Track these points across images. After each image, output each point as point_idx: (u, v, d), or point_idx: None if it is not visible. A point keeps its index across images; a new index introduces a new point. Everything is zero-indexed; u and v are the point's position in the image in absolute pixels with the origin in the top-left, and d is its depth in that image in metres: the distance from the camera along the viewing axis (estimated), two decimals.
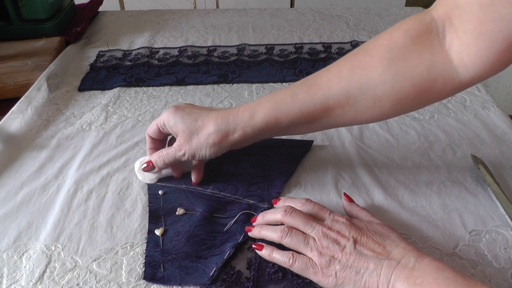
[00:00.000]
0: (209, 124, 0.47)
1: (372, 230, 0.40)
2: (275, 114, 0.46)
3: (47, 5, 0.88)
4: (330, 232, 0.40)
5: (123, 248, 0.44)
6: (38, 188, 0.52)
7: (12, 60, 0.80)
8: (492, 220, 0.47)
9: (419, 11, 1.04)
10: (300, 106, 0.45)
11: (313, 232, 0.41)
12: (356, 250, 0.38)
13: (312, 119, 0.46)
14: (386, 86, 0.42)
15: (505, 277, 0.41)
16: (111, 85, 0.74)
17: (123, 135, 0.61)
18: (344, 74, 0.44)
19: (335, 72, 0.44)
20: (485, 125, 0.63)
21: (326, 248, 0.39)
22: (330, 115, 0.45)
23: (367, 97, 0.43)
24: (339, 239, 0.39)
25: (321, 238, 0.40)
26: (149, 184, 0.52)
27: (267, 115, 0.46)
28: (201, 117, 0.48)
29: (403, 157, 0.57)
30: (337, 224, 0.41)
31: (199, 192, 0.51)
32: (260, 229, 0.44)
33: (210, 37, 0.91)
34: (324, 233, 0.40)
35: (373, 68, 0.42)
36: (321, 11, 1.05)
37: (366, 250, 0.38)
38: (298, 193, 0.51)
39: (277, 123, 0.46)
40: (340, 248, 0.38)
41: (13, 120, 0.64)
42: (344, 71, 0.44)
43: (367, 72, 0.42)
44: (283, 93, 0.47)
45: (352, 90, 0.43)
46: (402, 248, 0.38)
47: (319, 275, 0.38)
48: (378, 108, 0.43)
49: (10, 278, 0.41)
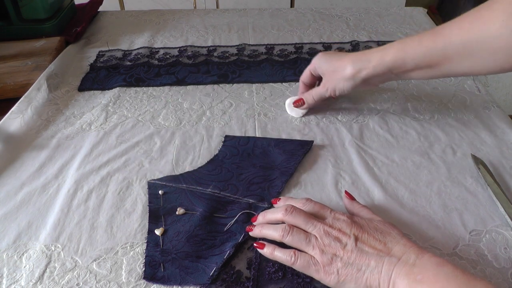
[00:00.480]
0: (347, 62, 0.57)
1: (373, 227, 0.40)
2: (403, 55, 0.52)
3: (47, 5, 0.88)
4: (332, 230, 0.40)
5: (123, 248, 0.44)
6: (38, 188, 0.52)
7: (12, 60, 0.80)
8: (492, 220, 0.47)
9: (419, 11, 1.04)
10: (424, 51, 0.50)
11: (315, 230, 0.41)
12: (358, 247, 0.38)
13: (433, 64, 0.51)
14: (502, 39, 0.44)
15: (505, 277, 0.41)
16: (111, 85, 0.74)
17: (123, 135, 0.61)
18: (465, 26, 0.47)
19: (458, 24, 0.48)
20: (485, 125, 0.63)
21: (328, 246, 0.39)
22: (449, 63, 0.49)
23: (484, 49, 0.46)
24: (341, 236, 0.39)
25: (323, 236, 0.40)
26: (149, 183, 0.52)
27: (395, 55, 0.53)
28: (341, 57, 0.58)
29: (403, 157, 0.57)
30: (338, 222, 0.41)
31: (199, 192, 0.51)
32: (261, 228, 0.44)
33: (210, 37, 0.91)
34: (325, 231, 0.40)
35: (492, 22, 0.44)
36: (321, 11, 1.05)
37: (367, 247, 0.38)
38: (298, 193, 0.51)
39: (404, 63, 0.52)
40: (341, 245, 0.39)
41: (13, 120, 0.64)
42: (465, 23, 0.47)
43: (486, 25, 0.45)
44: (411, 38, 0.53)
45: (470, 41, 0.46)
46: (403, 245, 0.38)
47: (321, 272, 0.38)
48: (494, 61, 0.46)
49: (10, 278, 0.41)
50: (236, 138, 0.60)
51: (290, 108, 0.66)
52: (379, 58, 0.54)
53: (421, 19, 0.99)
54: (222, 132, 0.62)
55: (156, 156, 0.57)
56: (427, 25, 0.96)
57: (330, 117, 0.65)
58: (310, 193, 0.51)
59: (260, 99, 0.70)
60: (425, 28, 0.94)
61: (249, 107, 0.68)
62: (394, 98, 0.70)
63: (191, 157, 0.57)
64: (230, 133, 0.62)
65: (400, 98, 0.70)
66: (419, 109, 0.67)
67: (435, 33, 0.50)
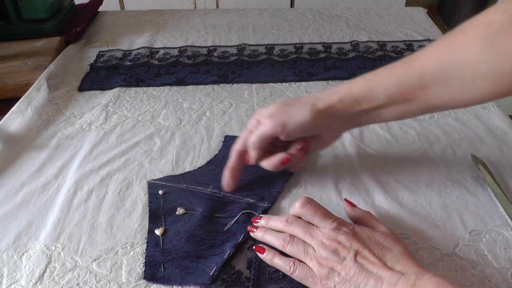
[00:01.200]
0: (305, 98, 0.48)
1: (374, 241, 0.39)
2: (372, 85, 0.45)
3: (47, 5, 0.88)
4: (330, 242, 0.39)
5: (123, 248, 0.44)
6: (38, 188, 0.52)
7: (12, 60, 0.80)
8: (492, 220, 0.47)
9: (419, 11, 1.04)
10: (397, 80, 0.44)
11: (313, 241, 0.40)
12: (357, 263, 0.37)
13: (409, 96, 0.44)
14: (484, 65, 0.40)
15: (505, 277, 0.41)
16: (111, 85, 0.74)
17: (123, 135, 0.61)
18: (441, 51, 0.43)
19: (432, 50, 0.44)
20: (485, 125, 0.63)
21: (325, 259, 0.38)
22: (427, 94, 0.43)
23: (465, 75, 0.41)
24: (340, 249, 0.39)
25: (320, 248, 0.39)
26: (149, 183, 0.52)
27: (364, 85, 0.46)
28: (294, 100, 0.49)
29: (403, 157, 0.57)
30: (339, 234, 0.40)
31: (199, 192, 0.51)
32: (264, 233, 0.43)
33: (210, 37, 0.91)
34: (323, 244, 0.39)
35: (469, 46, 0.41)
36: (321, 11, 1.05)
37: (367, 263, 0.37)
38: (298, 193, 0.51)
39: (373, 95, 0.45)
40: (339, 259, 0.38)
41: (13, 120, 0.64)
42: (441, 48, 0.44)
43: (464, 49, 0.41)
44: (382, 69, 0.46)
45: (449, 66, 0.42)
46: (403, 265, 0.37)
47: (318, 285, 0.38)
48: (476, 88, 0.41)
49: (10, 278, 0.41)
50: (236, 138, 0.60)
51: None
52: (346, 89, 0.47)
53: (421, 19, 0.99)
54: (222, 132, 0.62)
55: (156, 156, 0.57)
56: (427, 25, 0.96)
57: None
58: (310, 193, 0.51)
59: (260, 99, 0.70)
60: (425, 28, 0.94)
61: (249, 107, 0.68)
62: None
63: (191, 157, 0.57)
64: (230, 133, 0.62)
65: None
66: None
67: (408, 61, 0.45)
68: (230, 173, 0.50)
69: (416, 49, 0.84)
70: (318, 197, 0.50)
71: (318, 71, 0.78)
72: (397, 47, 0.86)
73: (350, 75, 0.76)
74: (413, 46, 0.86)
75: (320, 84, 0.74)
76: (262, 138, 0.48)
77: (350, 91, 0.46)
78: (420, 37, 0.90)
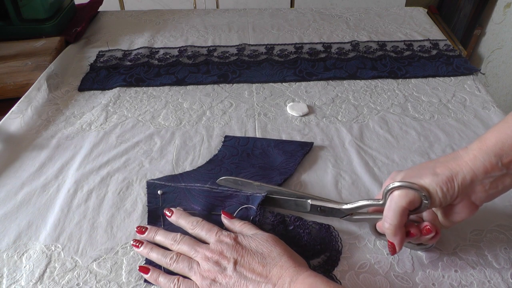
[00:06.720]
0: (432, 163, 0.39)
1: (255, 247, 0.40)
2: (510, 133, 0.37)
3: (47, 5, 0.88)
4: (213, 254, 0.40)
5: (123, 248, 0.44)
6: (38, 188, 0.52)
7: (12, 60, 0.80)
8: (492, 220, 0.47)
9: (419, 11, 1.04)
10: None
11: (198, 256, 0.41)
12: (237, 271, 0.38)
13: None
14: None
15: (505, 277, 0.41)
16: (111, 85, 0.74)
17: (123, 135, 0.61)
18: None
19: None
20: (485, 125, 0.62)
21: (208, 271, 0.39)
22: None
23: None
24: (221, 261, 0.39)
25: (203, 261, 0.40)
26: (149, 183, 0.52)
27: (498, 136, 0.37)
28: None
29: (403, 157, 0.57)
30: (221, 245, 0.40)
31: (197, 190, 0.51)
32: (150, 250, 0.43)
33: (210, 37, 0.91)
34: (206, 257, 0.40)
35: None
36: (321, 11, 1.05)
37: (246, 271, 0.38)
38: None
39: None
40: (220, 270, 0.38)
41: (13, 120, 0.64)
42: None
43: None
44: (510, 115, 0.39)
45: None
46: (280, 267, 0.37)
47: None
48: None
49: (10, 278, 0.41)
50: (236, 138, 0.60)
51: (291, 108, 0.66)
52: (477, 147, 0.38)
53: (421, 19, 0.99)
54: (222, 132, 0.62)
55: (156, 156, 0.57)
56: (427, 25, 0.96)
57: (330, 117, 0.65)
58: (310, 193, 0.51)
59: (260, 99, 0.70)
60: (425, 28, 0.94)
61: (249, 107, 0.68)
62: (394, 98, 0.70)
63: (191, 157, 0.57)
64: (230, 133, 0.62)
65: (400, 98, 0.70)
66: (419, 109, 0.67)
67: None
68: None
69: (416, 49, 0.84)
70: None
71: (318, 71, 0.78)
72: (397, 47, 0.86)
73: (350, 75, 0.76)
74: (413, 46, 0.86)
75: (320, 84, 0.74)
76: (394, 208, 0.39)
77: (482, 146, 0.38)
78: (420, 37, 0.90)
